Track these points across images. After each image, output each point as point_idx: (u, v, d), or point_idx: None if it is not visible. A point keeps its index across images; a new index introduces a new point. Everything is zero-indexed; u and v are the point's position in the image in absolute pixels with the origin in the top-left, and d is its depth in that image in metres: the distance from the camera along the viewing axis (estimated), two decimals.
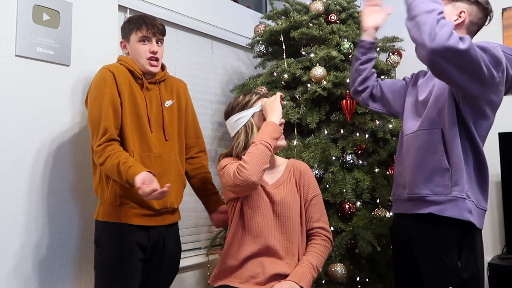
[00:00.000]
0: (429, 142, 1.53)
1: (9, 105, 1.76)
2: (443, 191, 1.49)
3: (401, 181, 1.65)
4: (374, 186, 2.16)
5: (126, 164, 1.55)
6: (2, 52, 1.75)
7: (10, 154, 1.76)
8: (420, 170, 1.53)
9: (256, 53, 2.55)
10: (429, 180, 1.51)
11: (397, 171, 1.70)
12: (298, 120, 2.23)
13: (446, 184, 1.49)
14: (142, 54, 1.74)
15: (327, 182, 2.10)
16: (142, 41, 1.74)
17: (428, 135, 1.53)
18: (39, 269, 1.82)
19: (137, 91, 1.74)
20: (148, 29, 1.73)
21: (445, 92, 1.52)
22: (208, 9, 2.68)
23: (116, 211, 1.67)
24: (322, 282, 2.06)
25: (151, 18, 1.78)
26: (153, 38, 1.75)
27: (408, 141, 1.62)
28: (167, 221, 1.78)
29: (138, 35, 1.74)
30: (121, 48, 1.82)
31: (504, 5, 2.57)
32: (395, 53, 2.46)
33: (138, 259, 1.68)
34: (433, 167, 1.51)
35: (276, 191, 1.65)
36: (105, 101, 1.64)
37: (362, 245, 1.99)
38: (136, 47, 1.74)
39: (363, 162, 2.20)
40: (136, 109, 1.71)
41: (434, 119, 1.53)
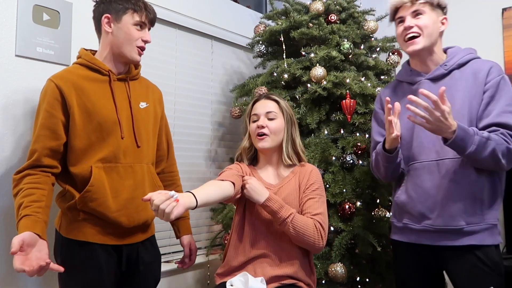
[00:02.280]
0: (460, 171, 1.49)
1: (9, 105, 1.76)
2: (476, 220, 1.49)
3: (414, 210, 1.58)
4: (374, 186, 2.16)
5: (23, 211, 1.34)
6: (2, 52, 1.75)
7: (10, 154, 1.75)
8: (454, 200, 1.49)
9: (256, 53, 2.55)
10: (464, 210, 1.49)
11: (402, 199, 1.62)
12: (298, 120, 2.23)
13: (477, 213, 1.49)
14: (134, 41, 1.54)
15: (327, 182, 2.10)
16: (138, 26, 1.55)
17: (457, 163, 1.50)
18: None
19: (100, 92, 1.51)
20: (147, 15, 1.56)
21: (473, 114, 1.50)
22: (208, 9, 2.68)
23: (79, 226, 1.46)
24: (322, 282, 2.06)
25: (149, 5, 1.60)
26: (148, 26, 1.59)
27: (426, 169, 1.55)
28: (139, 239, 1.59)
29: (135, 18, 1.54)
30: (103, 24, 1.55)
31: (504, 5, 2.57)
32: (395, 53, 2.46)
33: (112, 278, 1.50)
34: (467, 197, 1.49)
35: (278, 192, 1.65)
36: (40, 120, 1.46)
37: (362, 245, 1.99)
38: (129, 31, 1.53)
39: (363, 162, 2.19)
40: (96, 116, 1.48)
41: None
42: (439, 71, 1.61)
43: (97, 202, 1.45)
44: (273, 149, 1.70)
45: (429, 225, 1.54)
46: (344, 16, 2.48)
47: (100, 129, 1.49)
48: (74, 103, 1.46)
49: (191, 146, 2.60)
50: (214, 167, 2.73)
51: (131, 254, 1.57)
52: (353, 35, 2.36)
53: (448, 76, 1.59)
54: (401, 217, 1.65)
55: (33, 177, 1.41)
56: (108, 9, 1.55)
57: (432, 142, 1.55)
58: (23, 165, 1.46)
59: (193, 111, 2.60)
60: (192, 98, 2.61)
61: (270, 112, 1.67)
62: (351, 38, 2.35)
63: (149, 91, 1.71)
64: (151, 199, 1.21)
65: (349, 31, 2.37)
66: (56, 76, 1.50)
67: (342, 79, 2.20)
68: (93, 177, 1.44)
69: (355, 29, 2.42)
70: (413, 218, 1.59)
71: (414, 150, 1.60)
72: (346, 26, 2.42)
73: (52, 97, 1.46)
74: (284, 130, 1.68)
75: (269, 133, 1.65)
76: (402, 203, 1.62)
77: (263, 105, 1.71)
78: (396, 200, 1.66)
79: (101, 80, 1.54)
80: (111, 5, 1.54)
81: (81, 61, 1.56)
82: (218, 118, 2.78)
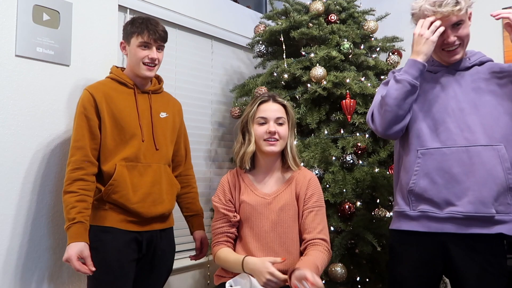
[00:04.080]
0: (494, 158, 1.48)
1: (9, 105, 1.76)
2: (506, 209, 1.48)
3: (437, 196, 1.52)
4: (374, 186, 2.16)
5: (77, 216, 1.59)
6: (2, 52, 1.75)
7: (10, 154, 1.76)
8: (488, 188, 1.47)
9: (256, 53, 2.55)
10: (495, 198, 1.47)
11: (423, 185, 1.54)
12: (298, 120, 2.23)
13: (508, 202, 1.48)
14: (140, 60, 1.73)
15: (327, 182, 2.10)
16: (142, 46, 1.73)
17: (492, 151, 1.48)
18: (39, 269, 1.82)
19: (126, 102, 1.74)
20: (149, 36, 1.72)
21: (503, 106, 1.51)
22: (208, 9, 2.68)
23: (104, 215, 1.68)
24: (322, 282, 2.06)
25: (154, 24, 1.75)
26: (154, 44, 1.74)
27: (455, 155, 1.51)
28: (157, 227, 1.78)
29: (139, 40, 1.72)
30: (121, 49, 1.82)
31: (504, 5, 2.57)
32: (395, 53, 2.47)
33: (130, 260, 1.68)
34: (500, 186, 1.47)
35: (274, 201, 1.64)
36: (79, 123, 1.68)
37: (362, 245, 1.99)
38: (135, 51, 1.74)
39: (363, 162, 2.19)
40: (121, 122, 1.71)
41: (495, 135, 1.49)
42: (464, 63, 1.59)
43: (119, 194, 1.67)
44: (278, 154, 1.70)
45: (456, 212, 1.49)
46: (344, 16, 2.48)
47: (124, 132, 1.72)
48: (104, 109, 1.69)
49: (191, 146, 2.56)
50: (214, 167, 2.73)
51: (150, 240, 1.75)
52: (353, 35, 2.36)
53: (471, 69, 1.59)
54: (417, 205, 1.55)
55: (86, 183, 1.64)
56: (123, 36, 1.80)
57: (459, 127, 1.53)
58: (75, 159, 1.65)
59: (193, 111, 2.60)
60: (192, 98, 2.61)
61: (280, 118, 1.66)
62: (351, 38, 2.35)
63: (170, 104, 1.92)
64: None
65: (349, 31, 2.37)
66: (91, 87, 1.73)
67: (342, 79, 2.20)
68: (116, 173, 1.67)
69: (355, 29, 2.42)
70: (435, 205, 1.52)
71: (439, 136, 1.55)
72: (346, 26, 2.42)
73: (88, 103, 1.69)
74: (288, 136, 1.69)
75: (278, 138, 1.65)
76: (422, 189, 1.54)
77: (272, 109, 1.67)
78: (413, 187, 1.55)
79: (127, 92, 1.78)
80: (124, 32, 1.79)
81: (112, 76, 1.79)
82: (218, 118, 2.78)
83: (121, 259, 1.66)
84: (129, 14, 2.26)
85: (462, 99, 1.54)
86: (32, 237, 1.80)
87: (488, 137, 1.49)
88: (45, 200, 1.85)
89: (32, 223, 1.81)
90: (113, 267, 1.64)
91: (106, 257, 1.64)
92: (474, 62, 1.59)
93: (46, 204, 1.85)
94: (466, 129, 1.51)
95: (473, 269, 1.49)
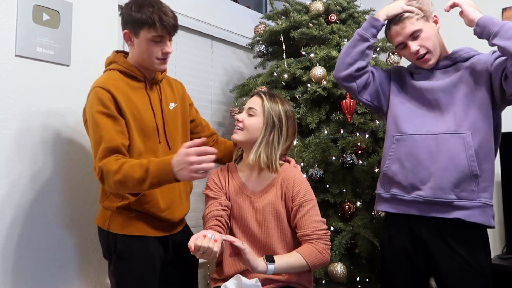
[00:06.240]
0: (459, 146, 1.52)
1: (9, 105, 1.76)
2: (469, 196, 1.52)
3: (405, 180, 1.61)
4: (374, 186, 2.16)
5: (148, 163, 1.41)
6: (2, 52, 1.75)
7: (10, 154, 1.75)
8: (448, 174, 1.52)
9: (256, 53, 2.55)
10: (456, 185, 1.52)
11: (394, 169, 1.64)
12: (298, 120, 2.23)
13: (472, 189, 1.51)
14: (153, 55, 1.54)
15: (327, 182, 2.10)
16: (154, 41, 1.53)
17: (458, 139, 1.53)
18: (39, 269, 1.82)
19: (139, 99, 1.57)
20: (163, 28, 1.50)
21: (475, 96, 1.55)
22: (208, 9, 2.68)
23: (133, 223, 1.57)
24: (322, 282, 2.06)
25: (165, 12, 1.51)
26: (168, 37, 1.54)
27: (425, 142, 1.59)
28: (180, 229, 1.74)
29: (152, 33, 1.50)
30: (125, 39, 1.58)
31: (504, 5, 2.57)
32: (395, 53, 2.46)
33: (159, 265, 1.62)
34: (462, 172, 1.51)
35: (260, 200, 1.63)
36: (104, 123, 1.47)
37: (362, 244, 1.99)
38: (146, 46, 1.53)
39: (363, 162, 2.19)
40: (141, 122, 1.55)
41: (463, 123, 1.54)
42: (443, 61, 1.65)
43: (150, 204, 1.56)
44: (249, 145, 1.63)
45: (419, 196, 1.58)
46: (344, 16, 2.48)
47: (143, 134, 1.56)
48: (124, 108, 1.51)
49: None
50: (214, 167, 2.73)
51: (175, 241, 1.69)
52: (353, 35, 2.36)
53: (454, 65, 1.64)
54: (389, 188, 1.67)
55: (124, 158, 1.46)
56: (126, 24, 1.55)
57: (432, 117, 1.61)
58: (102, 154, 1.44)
59: None
60: (192, 98, 2.59)
61: (251, 108, 1.64)
62: (351, 38, 2.35)
63: (174, 88, 1.75)
64: (195, 246, 1.30)
65: (349, 31, 2.37)
66: (104, 83, 1.51)
67: None
68: None
69: (355, 29, 2.41)
70: (403, 188, 1.62)
71: (414, 124, 1.63)
72: (346, 26, 2.42)
73: (108, 101, 1.48)
74: (261, 130, 1.61)
75: (243, 127, 1.63)
76: (393, 173, 1.64)
77: (251, 100, 1.69)
78: (386, 171, 1.67)
79: (140, 87, 1.59)
80: (129, 20, 1.53)
81: (119, 68, 1.58)
82: (218, 118, 2.78)
83: (155, 267, 1.59)
84: None
85: (438, 90, 1.61)
86: (31, 237, 1.80)
87: (457, 125, 1.55)
88: (46, 199, 1.85)
89: (33, 223, 1.81)
90: (143, 275, 1.56)
91: (136, 265, 1.55)
92: (457, 59, 1.63)
93: (45, 205, 1.85)
94: (439, 119, 1.59)
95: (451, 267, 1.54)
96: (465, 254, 1.52)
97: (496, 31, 1.44)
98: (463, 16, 1.55)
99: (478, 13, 1.51)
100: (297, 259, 1.51)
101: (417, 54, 1.60)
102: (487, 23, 1.47)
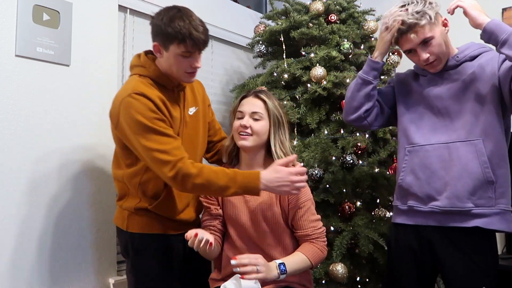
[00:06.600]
0: (471, 153, 1.51)
1: (9, 105, 1.76)
2: (487, 203, 1.50)
3: (420, 191, 1.59)
4: (374, 186, 2.16)
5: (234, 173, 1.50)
6: (2, 52, 1.75)
7: (10, 154, 1.75)
8: (463, 182, 1.50)
9: (256, 53, 2.55)
10: (472, 193, 1.50)
11: (408, 181, 1.63)
12: (298, 120, 2.23)
13: (489, 196, 1.50)
14: (182, 69, 1.54)
15: (327, 182, 2.10)
16: (184, 56, 1.51)
17: (469, 147, 1.51)
18: (39, 270, 1.82)
19: (173, 108, 1.59)
20: (193, 45, 1.48)
21: (485, 102, 1.52)
22: (208, 9, 2.68)
23: (151, 222, 1.61)
24: (322, 282, 2.06)
25: (196, 27, 1.48)
26: (198, 52, 1.53)
27: (437, 152, 1.57)
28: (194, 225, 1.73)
29: (181, 49, 1.48)
30: (154, 51, 1.56)
31: (504, 5, 2.57)
32: (395, 53, 2.46)
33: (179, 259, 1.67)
34: (477, 180, 1.49)
35: (254, 198, 1.62)
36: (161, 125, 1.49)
37: (362, 245, 1.99)
38: (175, 60, 1.52)
39: (363, 162, 2.19)
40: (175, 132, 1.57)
41: (474, 130, 1.51)
42: (450, 62, 1.61)
43: (168, 208, 1.62)
44: (256, 149, 1.64)
45: (436, 206, 1.56)
46: (344, 16, 2.48)
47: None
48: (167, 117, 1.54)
49: None
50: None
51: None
52: (353, 35, 2.36)
53: (460, 66, 1.60)
54: (406, 200, 1.65)
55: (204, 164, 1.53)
56: (156, 36, 1.53)
57: (443, 125, 1.58)
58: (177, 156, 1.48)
59: None
60: None
61: (255, 113, 1.62)
62: (351, 38, 2.35)
63: (195, 91, 1.75)
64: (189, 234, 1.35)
65: (349, 31, 2.37)
66: (143, 89, 1.50)
67: (342, 79, 2.20)
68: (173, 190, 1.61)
69: (355, 29, 2.42)
70: (419, 200, 1.60)
71: (424, 134, 1.61)
72: (346, 26, 2.42)
73: (153, 107, 1.49)
74: (270, 132, 1.63)
75: (251, 133, 1.61)
76: (408, 184, 1.63)
77: (250, 104, 1.65)
78: (401, 183, 1.66)
79: (172, 97, 1.60)
80: (158, 33, 1.51)
81: (150, 75, 1.57)
82: (218, 118, 2.76)
83: (173, 263, 1.63)
84: (129, 14, 2.27)
85: (447, 97, 1.58)
86: (31, 238, 1.80)
87: (468, 132, 1.53)
88: (45, 200, 1.85)
89: (31, 224, 1.80)
90: (160, 271, 1.60)
91: (152, 262, 1.60)
92: (463, 59, 1.60)
93: (45, 205, 1.85)
94: (450, 127, 1.57)
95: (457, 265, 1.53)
96: (472, 253, 1.50)
97: (504, 39, 1.40)
98: (468, 17, 1.51)
99: (485, 17, 1.46)
100: (303, 260, 1.55)
101: (427, 62, 1.57)
102: (494, 30, 1.43)
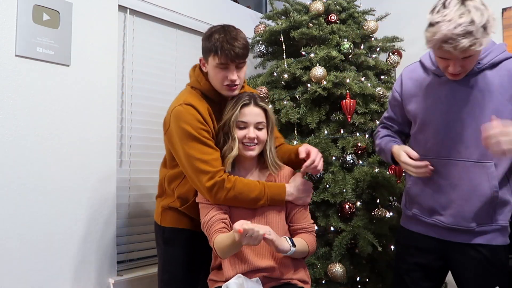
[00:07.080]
0: (482, 176, 1.47)
1: (9, 105, 1.76)
2: (487, 220, 1.50)
3: (424, 203, 1.59)
4: (374, 186, 2.16)
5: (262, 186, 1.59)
6: (2, 52, 1.75)
7: (10, 154, 1.75)
8: (471, 204, 1.49)
9: (256, 53, 2.55)
10: (478, 214, 1.49)
11: (415, 191, 1.63)
12: (298, 120, 2.23)
13: (490, 213, 1.49)
14: (220, 81, 1.60)
15: (327, 182, 2.10)
16: (219, 68, 1.58)
17: (480, 169, 1.47)
18: (39, 270, 1.82)
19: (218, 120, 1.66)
20: (226, 56, 1.54)
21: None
22: (208, 9, 2.68)
23: (179, 219, 1.76)
24: (322, 282, 2.06)
25: (231, 40, 1.55)
26: (232, 64, 1.57)
27: (446, 168, 1.53)
28: None
29: (216, 60, 1.56)
30: (200, 65, 1.69)
31: (504, 5, 2.57)
32: (395, 53, 2.47)
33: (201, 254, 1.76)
34: (484, 202, 1.48)
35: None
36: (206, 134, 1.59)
37: (362, 245, 1.99)
38: (213, 72, 1.61)
39: (363, 162, 2.19)
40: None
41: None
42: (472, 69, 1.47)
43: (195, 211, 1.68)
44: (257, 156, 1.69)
45: (439, 221, 1.55)
46: (344, 16, 2.48)
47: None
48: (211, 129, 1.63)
49: None
50: None
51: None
52: (353, 35, 2.36)
53: (480, 75, 1.48)
54: (411, 206, 1.66)
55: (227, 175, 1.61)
56: (202, 52, 1.66)
57: (454, 140, 1.52)
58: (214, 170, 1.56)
59: None
60: None
61: (260, 123, 1.64)
62: (351, 38, 2.35)
63: None
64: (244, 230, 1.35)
65: (349, 31, 2.37)
66: (192, 102, 1.60)
67: (342, 79, 2.20)
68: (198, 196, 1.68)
69: (355, 29, 2.42)
70: (423, 210, 1.61)
71: (435, 146, 1.57)
72: (346, 26, 2.42)
73: (201, 118, 1.59)
74: (267, 139, 1.66)
75: (258, 143, 1.64)
76: (414, 194, 1.64)
77: (253, 114, 1.64)
78: (408, 190, 1.67)
79: (219, 110, 1.67)
80: (203, 48, 1.64)
81: (201, 88, 1.67)
82: None
83: (192, 254, 1.76)
84: (129, 14, 2.26)
85: (462, 109, 1.49)
86: (31, 237, 1.80)
87: (480, 153, 1.47)
88: (44, 200, 1.85)
89: (33, 224, 1.80)
90: (184, 259, 1.75)
91: (179, 251, 1.75)
92: (484, 66, 1.47)
93: (45, 204, 1.85)
94: (461, 142, 1.50)
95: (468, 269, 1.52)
96: (484, 250, 1.50)
97: None
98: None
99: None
100: (303, 244, 1.61)
101: (454, 72, 1.43)
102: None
